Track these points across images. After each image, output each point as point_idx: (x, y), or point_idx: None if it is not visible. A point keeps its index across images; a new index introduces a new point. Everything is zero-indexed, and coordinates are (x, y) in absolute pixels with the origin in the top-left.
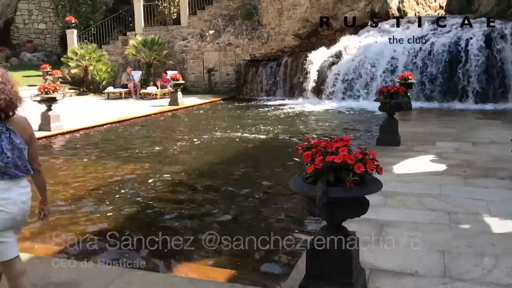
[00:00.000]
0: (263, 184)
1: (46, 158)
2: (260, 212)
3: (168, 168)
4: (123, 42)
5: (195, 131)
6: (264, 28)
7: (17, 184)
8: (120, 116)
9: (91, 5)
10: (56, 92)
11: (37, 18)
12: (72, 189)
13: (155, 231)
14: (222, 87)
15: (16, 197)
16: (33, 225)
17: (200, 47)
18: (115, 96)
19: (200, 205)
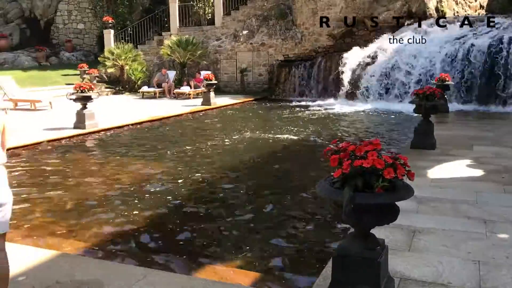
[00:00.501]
0: (292, 186)
1: (79, 156)
2: (288, 215)
3: (198, 168)
4: (158, 42)
5: (226, 131)
6: (298, 28)
7: None
8: (153, 115)
9: (128, 5)
10: (91, 91)
11: (76, 19)
12: (103, 187)
13: (180, 231)
14: (254, 87)
15: None
16: (61, 222)
17: (234, 47)
18: (149, 96)
19: (227, 206)
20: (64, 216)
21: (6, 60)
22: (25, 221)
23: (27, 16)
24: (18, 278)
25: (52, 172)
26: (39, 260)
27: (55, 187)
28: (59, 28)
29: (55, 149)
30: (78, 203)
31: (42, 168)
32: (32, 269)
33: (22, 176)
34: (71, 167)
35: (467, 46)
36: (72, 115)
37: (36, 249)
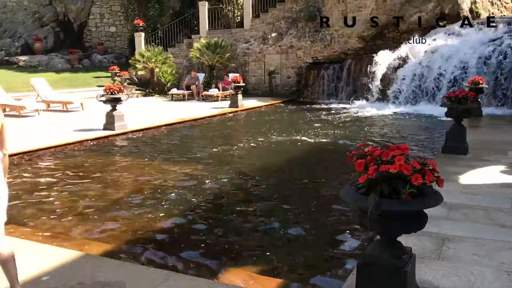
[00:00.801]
0: (318, 191)
1: (107, 157)
2: (313, 220)
3: (224, 170)
4: (187, 45)
5: (253, 134)
6: (327, 30)
7: None
8: (181, 117)
9: (158, 8)
10: (121, 93)
11: (108, 22)
12: (129, 188)
13: (205, 234)
14: (283, 89)
15: None
16: (86, 222)
17: (262, 49)
18: (178, 98)
19: (252, 210)
20: (88, 216)
21: (41, 62)
22: (51, 220)
23: (61, 19)
24: (42, 278)
25: (79, 173)
26: (63, 260)
27: (81, 187)
28: (91, 31)
29: (84, 150)
30: (102, 203)
31: (69, 168)
32: (56, 269)
33: (48, 176)
34: (98, 168)
35: (503, 48)
36: (102, 117)
37: (60, 249)
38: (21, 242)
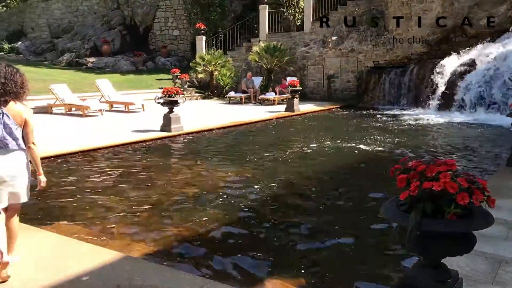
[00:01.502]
0: (369, 202)
1: (161, 158)
2: (357, 234)
3: (274, 176)
4: (247, 48)
5: (307, 139)
6: (390, 34)
7: (5, 153)
8: (236, 120)
9: (220, 12)
10: (178, 95)
11: (172, 25)
12: (179, 189)
13: (247, 243)
14: (341, 94)
15: (2, 162)
16: (133, 223)
17: (322, 53)
18: (235, 101)
19: (298, 219)
20: (135, 217)
21: (107, 64)
22: (98, 219)
23: (128, 23)
24: (82, 277)
25: (131, 173)
26: (105, 261)
27: (131, 188)
28: (156, 34)
29: (139, 150)
30: (151, 205)
31: (122, 169)
32: (96, 270)
33: (102, 175)
34: (150, 169)
35: None
36: (161, 118)
37: (103, 249)
38: (67, 240)
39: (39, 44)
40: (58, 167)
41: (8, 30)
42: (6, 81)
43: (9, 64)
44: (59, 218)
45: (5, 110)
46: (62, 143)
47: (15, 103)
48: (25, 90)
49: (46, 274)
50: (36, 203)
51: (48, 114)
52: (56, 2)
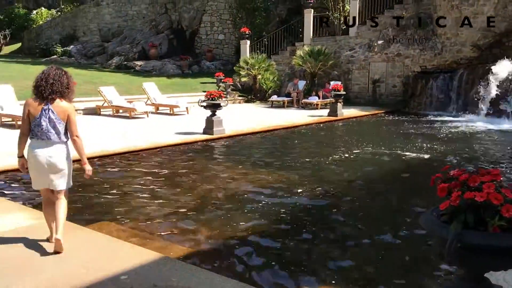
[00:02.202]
0: (408, 213)
1: (201, 160)
2: (396, 246)
3: (314, 182)
4: (291, 52)
5: (349, 145)
6: (439, 38)
7: (48, 144)
8: (278, 124)
9: (265, 16)
10: (221, 98)
11: (217, 30)
12: (219, 192)
13: (284, 249)
14: (387, 99)
15: (45, 152)
16: (173, 224)
17: (367, 57)
18: (278, 105)
19: (336, 228)
20: (175, 219)
21: (155, 67)
22: (140, 220)
23: (175, 27)
24: (120, 276)
25: (172, 174)
26: (143, 261)
27: (173, 189)
28: (202, 38)
29: (181, 152)
30: (191, 207)
31: (164, 170)
32: (135, 269)
33: (144, 176)
34: (191, 171)
35: None
36: (204, 121)
37: (143, 249)
38: (109, 239)
39: (90, 47)
40: (103, 167)
41: (61, 34)
42: (54, 82)
43: (58, 67)
44: (103, 218)
45: (51, 106)
46: (107, 144)
47: (61, 101)
48: (70, 90)
49: (88, 271)
50: (81, 202)
51: (97, 115)
52: (107, 7)
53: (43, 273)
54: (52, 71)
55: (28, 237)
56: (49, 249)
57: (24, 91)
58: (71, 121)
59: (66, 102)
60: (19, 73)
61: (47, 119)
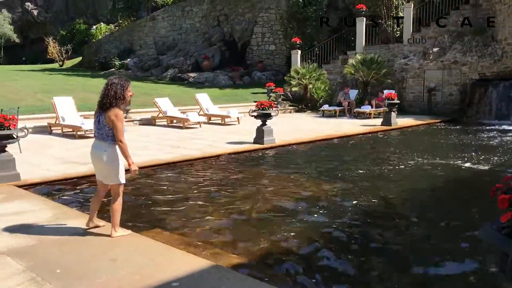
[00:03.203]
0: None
1: (252, 170)
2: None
3: (366, 193)
4: (342, 61)
5: (404, 155)
6: (499, 44)
7: (101, 144)
8: (329, 134)
9: (316, 26)
10: (271, 108)
11: (268, 40)
12: (270, 202)
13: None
14: (443, 108)
15: (97, 151)
16: (224, 233)
17: (422, 65)
18: (329, 114)
19: (389, 244)
20: (226, 227)
21: (207, 79)
22: (192, 228)
23: (227, 39)
24: (172, 283)
25: (223, 184)
26: (194, 269)
27: (224, 198)
28: (253, 49)
29: (232, 162)
30: (242, 216)
31: (218, 179)
32: (186, 276)
33: (196, 185)
34: (243, 180)
35: None
36: (255, 131)
37: (195, 257)
38: (161, 246)
39: (146, 60)
40: (157, 175)
41: (119, 48)
42: (106, 92)
43: (117, 77)
44: (156, 225)
45: (102, 112)
46: (161, 153)
47: (111, 109)
48: (120, 99)
49: (141, 277)
50: (135, 210)
51: (152, 125)
52: (162, 21)
53: (98, 277)
54: (110, 82)
55: (86, 242)
56: (107, 254)
57: (84, 102)
58: (115, 127)
59: (115, 110)
60: (79, 86)
61: (97, 123)
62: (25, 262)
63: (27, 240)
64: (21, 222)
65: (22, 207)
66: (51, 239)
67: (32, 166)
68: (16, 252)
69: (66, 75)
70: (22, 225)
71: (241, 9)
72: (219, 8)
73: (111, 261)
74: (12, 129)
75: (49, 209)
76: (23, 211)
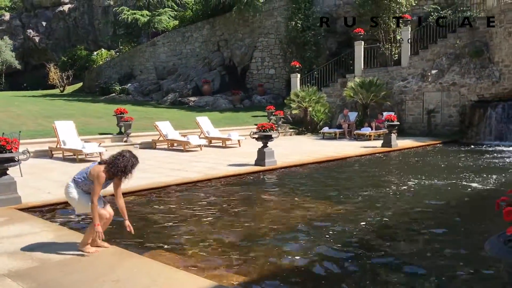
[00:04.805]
0: (469, 245)
1: (253, 191)
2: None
3: (367, 214)
4: (342, 84)
5: (405, 177)
6: (496, 66)
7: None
8: (330, 155)
9: (315, 50)
10: (272, 130)
11: (268, 65)
12: (271, 224)
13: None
14: (443, 129)
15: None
16: (224, 253)
17: (421, 87)
18: (329, 136)
19: (389, 262)
20: (227, 248)
21: (207, 102)
22: (193, 249)
23: (227, 63)
24: None
25: (224, 205)
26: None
27: (225, 219)
28: (253, 73)
29: (233, 184)
30: (243, 237)
31: (216, 201)
32: None
33: (196, 207)
34: (244, 202)
35: None
36: (256, 153)
37: (196, 277)
38: (164, 267)
39: (146, 85)
40: (158, 198)
41: (119, 73)
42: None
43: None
44: (158, 247)
45: (91, 167)
46: (162, 176)
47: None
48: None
49: None
50: (137, 232)
51: (153, 149)
52: (162, 46)
53: None
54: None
55: (89, 264)
56: (109, 275)
57: (84, 127)
58: (93, 187)
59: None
60: (80, 111)
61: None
62: (26, 284)
63: (29, 262)
64: (22, 244)
65: (23, 230)
66: (52, 261)
67: (33, 189)
68: (17, 274)
69: (67, 100)
70: (23, 247)
71: (241, 34)
72: (219, 34)
73: (113, 282)
74: (14, 152)
75: (50, 231)
76: (24, 234)
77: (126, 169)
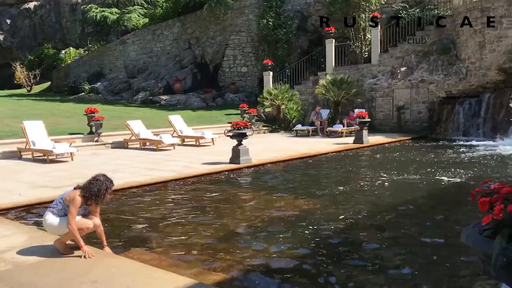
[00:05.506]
0: (443, 236)
1: (228, 189)
2: (438, 262)
3: (347, 207)
4: (313, 82)
5: (375, 172)
6: (463, 63)
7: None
8: (302, 153)
9: (287, 48)
10: (246, 128)
11: (240, 63)
12: (246, 221)
13: (314, 278)
14: (412, 125)
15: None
16: (203, 252)
17: (391, 84)
18: (302, 134)
19: (366, 255)
20: (205, 246)
21: (179, 101)
22: (171, 248)
23: (198, 61)
24: None
25: (199, 204)
26: (178, 287)
27: (202, 218)
28: (225, 71)
29: (208, 182)
30: (221, 235)
31: (191, 199)
32: None
33: (172, 206)
34: (221, 200)
35: None
36: (230, 151)
37: (177, 276)
38: (143, 266)
39: (116, 84)
40: (132, 198)
41: (89, 72)
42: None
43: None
44: (134, 246)
45: (67, 193)
46: (135, 175)
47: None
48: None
49: None
50: (112, 232)
51: (125, 148)
52: (132, 45)
53: None
54: (96, 177)
55: (65, 265)
56: (87, 276)
57: (54, 127)
58: (68, 211)
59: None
60: (49, 111)
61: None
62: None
63: (1, 265)
64: None
65: None
66: (27, 263)
67: (3, 191)
68: None
69: (35, 100)
70: None
71: (212, 32)
72: (190, 31)
73: (91, 282)
74: None
75: (22, 233)
76: None
77: (100, 193)
